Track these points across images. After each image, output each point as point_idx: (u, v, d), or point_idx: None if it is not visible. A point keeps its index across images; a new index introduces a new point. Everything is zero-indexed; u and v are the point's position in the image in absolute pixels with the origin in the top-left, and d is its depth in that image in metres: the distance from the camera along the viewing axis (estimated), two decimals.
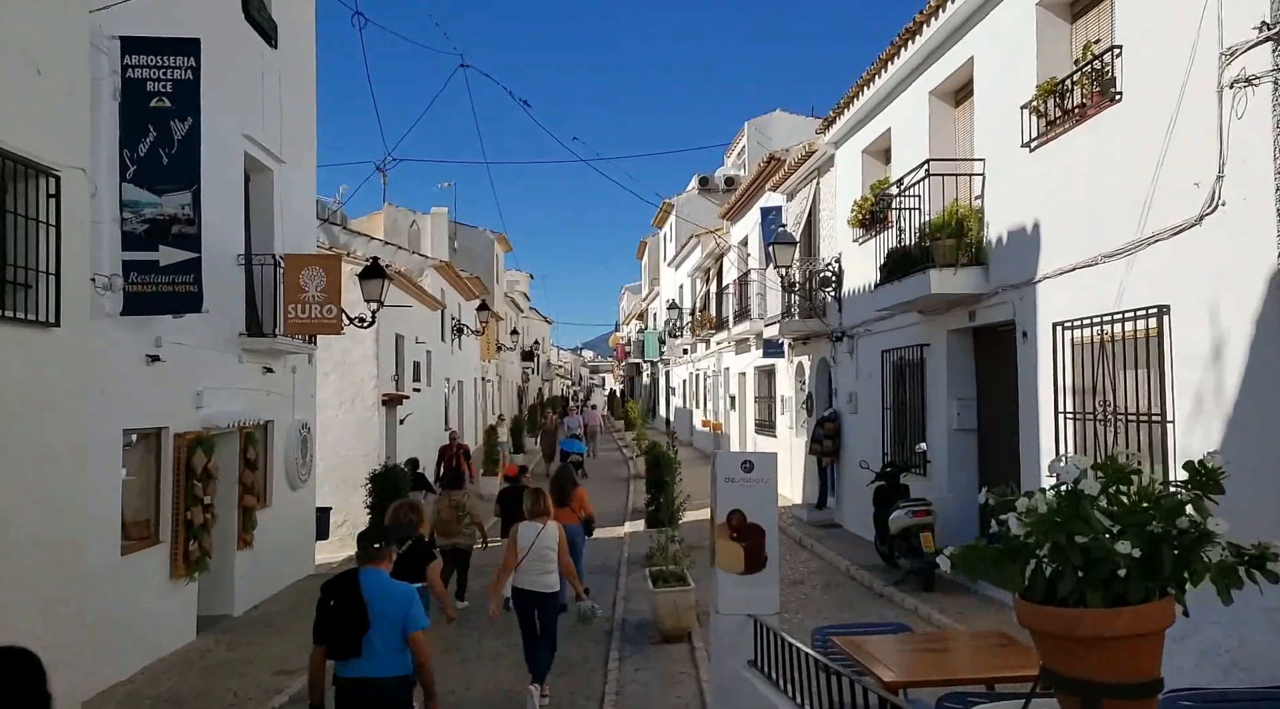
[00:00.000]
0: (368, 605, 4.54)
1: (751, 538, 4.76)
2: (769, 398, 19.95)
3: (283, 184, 12.34)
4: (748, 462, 4.85)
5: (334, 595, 4.65)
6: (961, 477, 10.24)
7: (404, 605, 4.63)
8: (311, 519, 13.81)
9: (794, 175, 16.16)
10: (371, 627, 4.52)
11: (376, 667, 4.56)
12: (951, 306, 10.00)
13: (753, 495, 4.82)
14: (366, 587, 4.61)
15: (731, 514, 4.82)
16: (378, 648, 4.55)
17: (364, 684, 4.56)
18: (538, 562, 7.10)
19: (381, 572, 4.76)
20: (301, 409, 13.16)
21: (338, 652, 4.57)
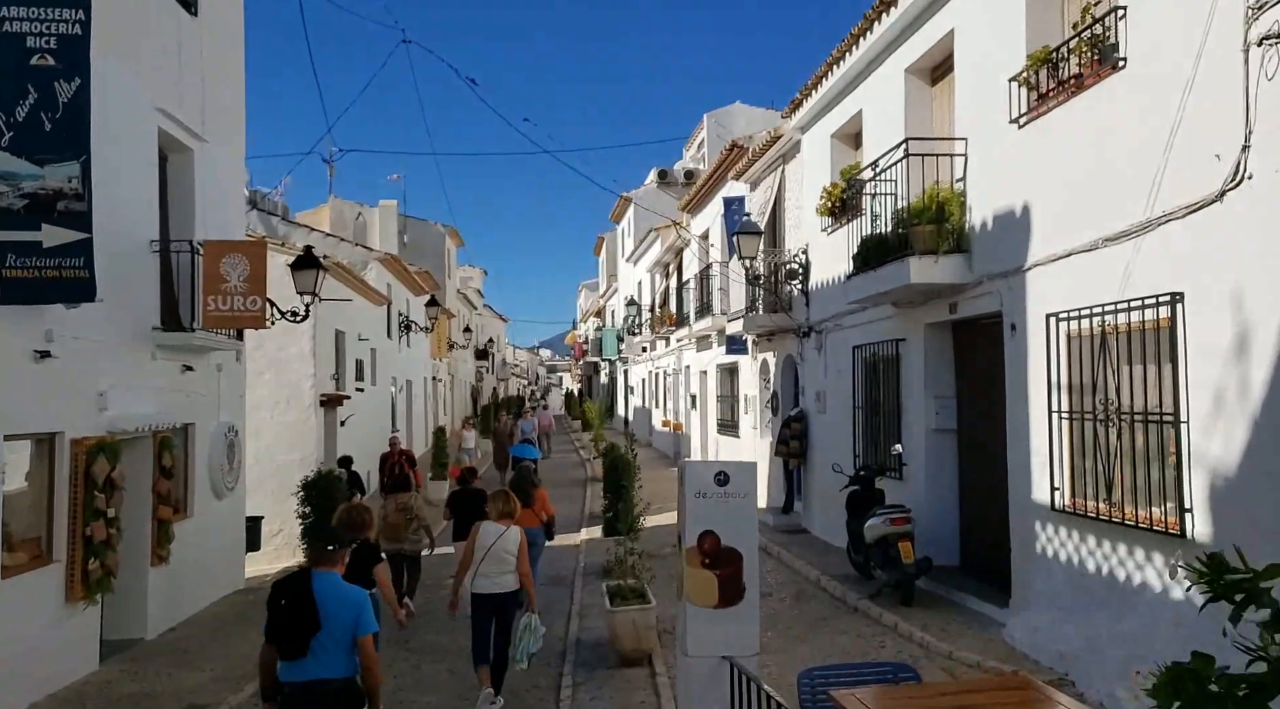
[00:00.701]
0: (318, 607, 4.52)
1: (727, 565, 3.99)
2: (731, 397, 19.25)
3: (206, 165, 11.32)
4: (722, 473, 4.08)
5: (285, 595, 4.63)
6: (940, 481, 9.58)
7: (355, 609, 4.62)
8: (241, 530, 12.78)
9: (758, 163, 15.45)
10: (321, 629, 4.51)
11: (324, 668, 4.54)
12: (930, 298, 9.32)
13: (728, 514, 4.05)
14: (318, 589, 4.59)
15: (703, 536, 4.04)
16: (327, 650, 4.54)
17: (311, 686, 4.54)
18: (495, 564, 7.03)
19: (334, 574, 4.75)
20: (228, 411, 12.13)
21: (286, 652, 4.55)
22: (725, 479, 4.08)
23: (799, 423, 13.58)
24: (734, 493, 4.08)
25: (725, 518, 4.04)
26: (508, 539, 7.10)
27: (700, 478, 4.14)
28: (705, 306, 19.41)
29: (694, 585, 4.07)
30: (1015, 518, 7.74)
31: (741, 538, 4.08)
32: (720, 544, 4.00)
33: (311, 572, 4.72)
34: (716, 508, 4.06)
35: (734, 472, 4.14)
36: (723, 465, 4.15)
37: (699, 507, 4.08)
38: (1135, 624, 5.87)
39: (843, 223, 11.91)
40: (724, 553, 4.00)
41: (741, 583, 4.05)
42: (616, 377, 42.94)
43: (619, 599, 8.53)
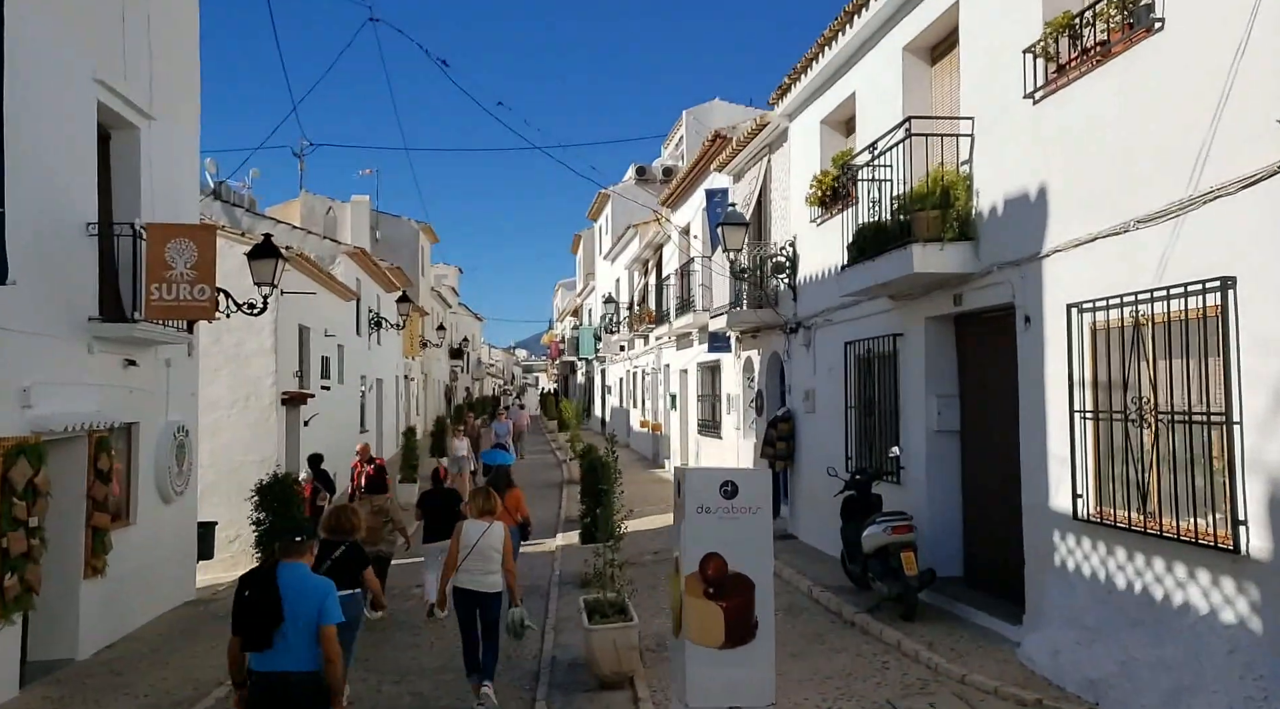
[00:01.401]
0: (282, 599, 4.49)
1: (735, 594, 3.33)
2: (713, 396, 18.59)
3: (154, 144, 10.50)
4: (729, 483, 3.41)
5: (250, 587, 4.62)
6: (942, 486, 8.95)
7: (318, 599, 4.57)
8: (191, 536, 11.96)
9: (742, 153, 14.80)
10: (285, 620, 4.47)
11: (289, 660, 4.52)
12: (932, 290, 8.70)
13: (737, 532, 3.39)
14: (283, 580, 4.57)
15: (706, 560, 3.38)
16: (291, 642, 4.50)
17: (276, 678, 4.52)
18: (480, 561, 7.02)
19: (301, 565, 4.71)
20: (178, 409, 11.31)
21: (250, 644, 4.54)
22: (733, 491, 3.41)
23: (786, 423, 12.94)
24: (743, 507, 3.41)
25: (733, 537, 3.37)
26: (492, 536, 7.07)
27: (702, 489, 3.46)
28: (686, 303, 18.74)
29: (695, 620, 3.38)
30: (1029, 527, 7.12)
31: (753, 562, 3.40)
32: (727, 569, 3.33)
33: (279, 563, 4.69)
34: (722, 526, 3.39)
35: (744, 481, 3.47)
36: (729, 474, 3.48)
37: (701, 524, 3.40)
38: (1179, 650, 5.24)
39: (834, 213, 11.27)
40: (731, 580, 3.32)
41: (753, 617, 3.38)
42: (594, 376, 42.20)
43: (598, 615, 7.81)
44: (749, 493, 3.47)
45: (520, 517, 10.07)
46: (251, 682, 4.62)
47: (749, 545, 3.45)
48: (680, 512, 3.59)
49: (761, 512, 3.46)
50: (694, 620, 3.40)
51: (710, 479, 3.50)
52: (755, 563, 3.45)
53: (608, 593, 8.15)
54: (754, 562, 3.45)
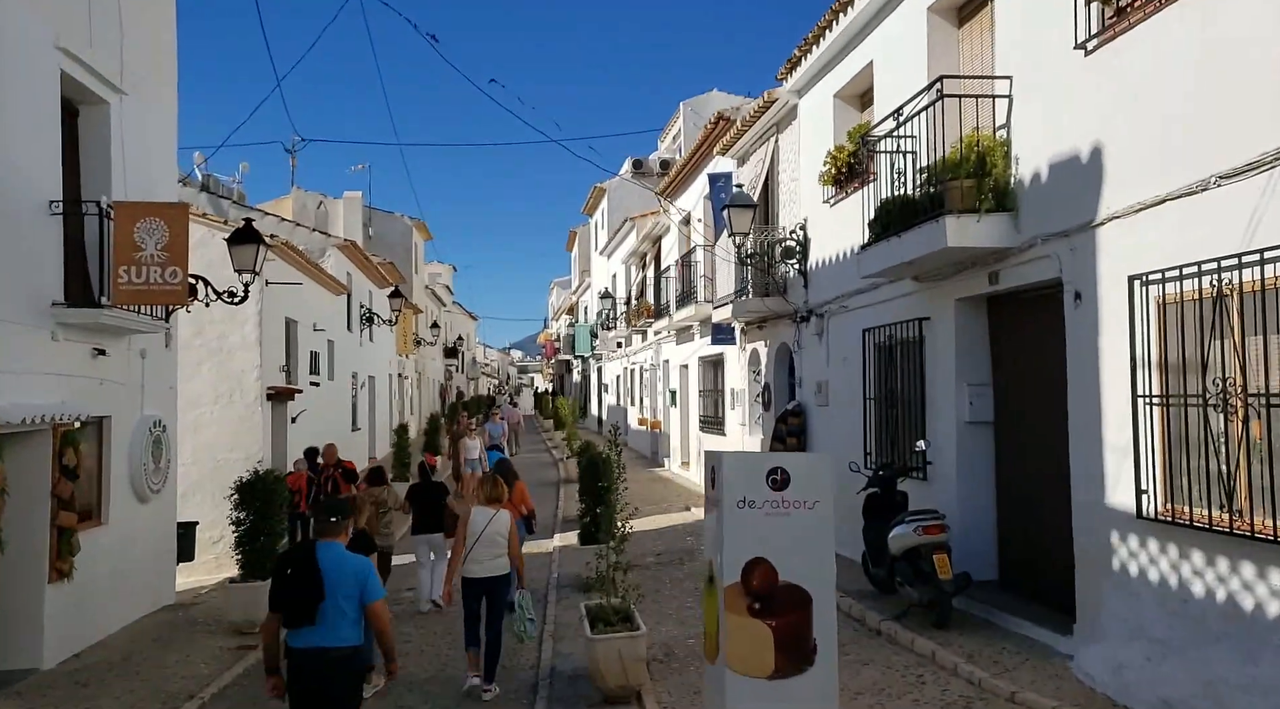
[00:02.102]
0: (323, 576, 4.62)
1: (787, 610, 2.70)
2: (716, 391, 17.94)
3: (126, 121, 9.80)
4: (779, 471, 2.78)
5: (291, 565, 4.74)
6: (974, 481, 8.30)
7: (360, 577, 4.73)
8: (170, 537, 11.26)
9: (747, 134, 14.14)
10: (326, 597, 4.61)
11: (329, 636, 4.63)
12: (963, 269, 8.06)
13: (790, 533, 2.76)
14: (322, 558, 4.70)
15: (752, 568, 2.75)
16: (331, 618, 4.62)
17: (317, 653, 4.62)
18: (488, 548, 7.15)
19: (337, 544, 4.84)
20: (155, 403, 10.61)
21: (292, 620, 4.64)
22: (784, 480, 2.77)
23: (796, 417, 12.29)
24: (797, 500, 2.76)
25: (784, 539, 2.72)
26: (498, 522, 7.23)
27: (744, 479, 2.79)
28: (687, 295, 18.08)
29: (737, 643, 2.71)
30: (1081, 527, 6.47)
31: (810, 569, 2.75)
32: (776, 579, 2.68)
33: (316, 542, 4.81)
34: (771, 524, 2.74)
35: (796, 468, 2.82)
36: (779, 459, 2.82)
37: (743, 522, 2.74)
38: (1278, 670, 4.59)
39: (850, 191, 10.64)
40: (782, 593, 2.67)
41: (810, 639, 2.72)
42: (590, 374, 41.53)
43: (601, 623, 7.15)
44: (803, 482, 2.82)
45: (525, 509, 9.99)
46: (290, 659, 4.72)
47: (804, 548, 2.80)
48: (715, 507, 2.93)
49: (820, 506, 2.82)
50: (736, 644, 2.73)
51: (754, 466, 2.85)
52: (813, 571, 2.79)
53: (611, 599, 7.49)
54: (811, 569, 2.79)
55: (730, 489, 2.83)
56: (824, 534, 2.90)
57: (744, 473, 2.89)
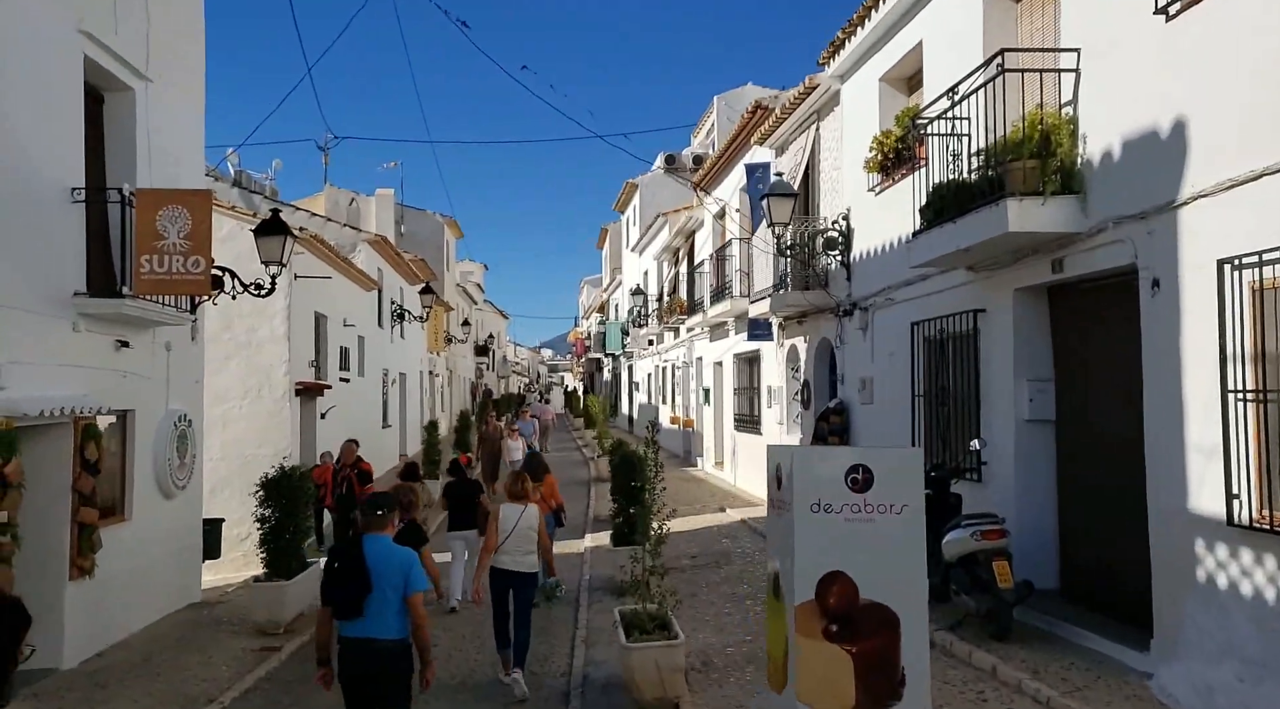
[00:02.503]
0: (370, 569, 4.71)
1: (871, 634, 2.30)
2: (751, 389, 17.48)
3: (150, 108, 9.57)
4: (861, 469, 2.35)
5: (338, 558, 4.83)
6: (1034, 483, 7.82)
7: (404, 569, 4.79)
8: (195, 534, 11.03)
9: (786, 122, 13.69)
10: (373, 589, 4.68)
11: (377, 627, 4.71)
12: (1023, 257, 7.57)
13: (874, 542, 2.36)
14: (369, 551, 4.78)
15: (829, 584, 2.36)
16: (379, 610, 4.70)
17: (365, 644, 4.71)
18: (518, 542, 7.22)
19: (384, 537, 4.92)
20: (180, 397, 10.38)
21: (341, 612, 4.73)
22: (867, 479, 2.36)
23: (839, 416, 11.83)
24: (882, 504, 2.36)
25: (868, 550, 2.31)
26: (528, 517, 7.29)
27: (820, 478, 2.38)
28: (722, 290, 17.64)
29: (810, 671, 2.30)
30: (1159, 534, 5.98)
31: (898, 585, 2.33)
32: (857, 597, 2.27)
33: (363, 536, 4.89)
34: (852, 532, 2.33)
35: (882, 465, 2.41)
36: (861, 455, 2.41)
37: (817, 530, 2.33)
38: None
39: (897, 178, 10.17)
40: (865, 613, 2.27)
41: (898, 668, 2.31)
42: (620, 373, 41.19)
43: (637, 631, 6.77)
44: (890, 482, 2.41)
45: (554, 503, 10.00)
46: (341, 647, 4.81)
47: (891, 561, 2.38)
48: (783, 511, 2.52)
49: (909, 510, 2.41)
50: (809, 672, 2.32)
51: (832, 464, 2.44)
52: (901, 587, 2.37)
53: (647, 604, 7.10)
54: (899, 585, 2.37)
55: (803, 491, 2.41)
56: (914, 543, 2.49)
57: (819, 471, 2.49)
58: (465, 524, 10.25)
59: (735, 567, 11.20)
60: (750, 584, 10.19)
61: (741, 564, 11.29)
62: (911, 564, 2.49)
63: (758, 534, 13.09)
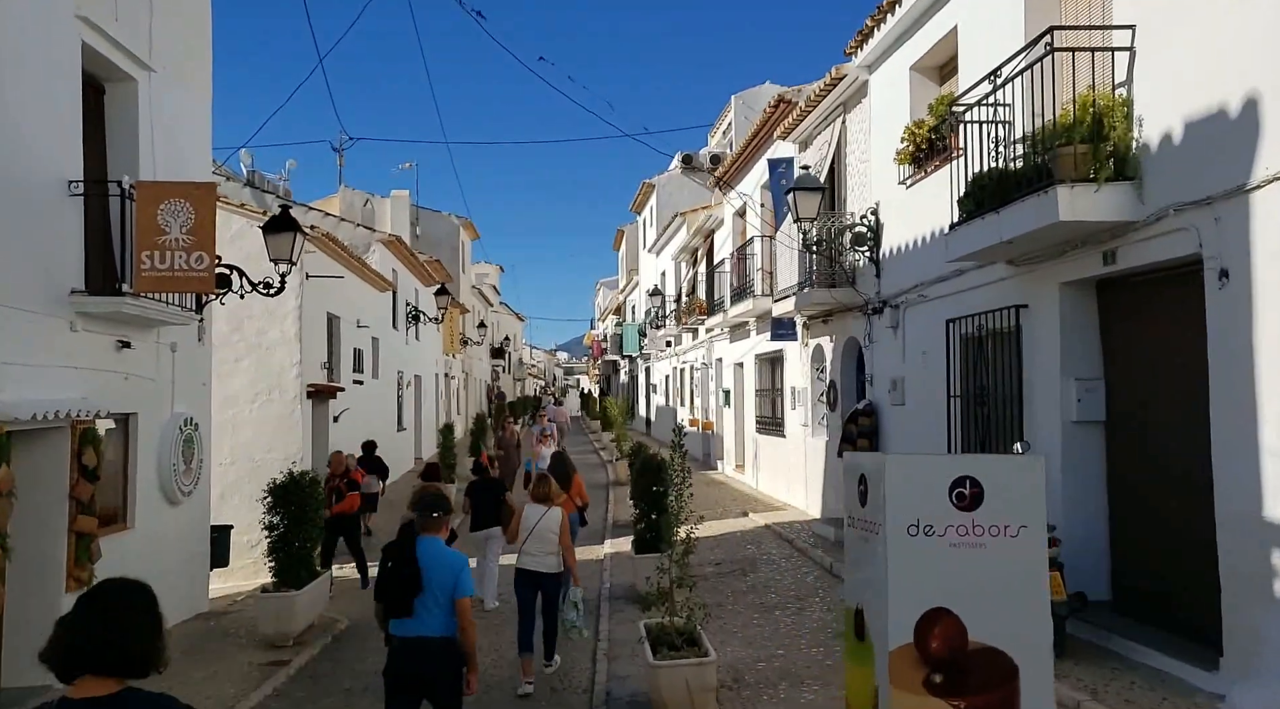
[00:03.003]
0: (421, 571, 4.79)
1: (982, 685, 1.86)
2: (774, 390, 17.03)
3: (155, 100, 9.27)
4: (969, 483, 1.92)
5: (392, 558, 4.92)
6: (1082, 487, 7.35)
7: (455, 572, 4.87)
8: (202, 542, 10.71)
9: (811, 116, 13.25)
10: (424, 590, 4.77)
11: (426, 626, 4.79)
12: (1070, 248, 7.12)
13: (987, 572, 1.90)
14: (422, 553, 4.87)
15: (931, 623, 1.93)
16: (429, 610, 4.79)
17: (415, 643, 4.79)
18: (539, 543, 7.34)
19: (437, 540, 5.01)
20: (186, 400, 10.06)
21: (391, 611, 4.84)
22: (977, 495, 1.94)
23: (868, 418, 11.37)
24: (996, 525, 1.94)
25: (979, 581, 1.90)
26: (550, 519, 7.41)
27: (917, 492, 1.95)
28: (743, 289, 17.21)
29: None
30: (1229, 543, 5.51)
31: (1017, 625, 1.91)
32: (966, 640, 1.87)
33: (416, 537, 4.96)
34: (959, 560, 1.91)
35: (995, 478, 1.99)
36: (970, 465, 1.99)
37: (916, 557, 1.90)
38: None
39: (930, 170, 9.72)
40: (976, 660, 1.86)
41: None
42: (637, 375, 40.79)
43: (664, 647, 6.36)
44: (1004, 498, 1.99)
45: (580, 501, 9.95)
46: (392, 646, 4.90)
47: (1007, 595, 1.95)
48: (870, 533, 2.09)
49: (1028, 532, 2.00)
50: None
51: (932, 475, 2.01)
52: (1020, 627, 1.95)
53: (673, 617, 6.69)
54: (1017, 625, 1.94)
55: (897, 509, 1.99)
56: (1034, 574, 2.06)
57: (917, 484, 2.06)
58: (489, 522, 10.09)
59: (762, 574, 10.76)
60: (779, 593, 9.76)
61: (768, 572, 10.85)
62: (1031, 600, 2.06)
63: (783, 540, 12.65)
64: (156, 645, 2.25)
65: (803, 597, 9.57)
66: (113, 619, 2.19)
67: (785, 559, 11.52)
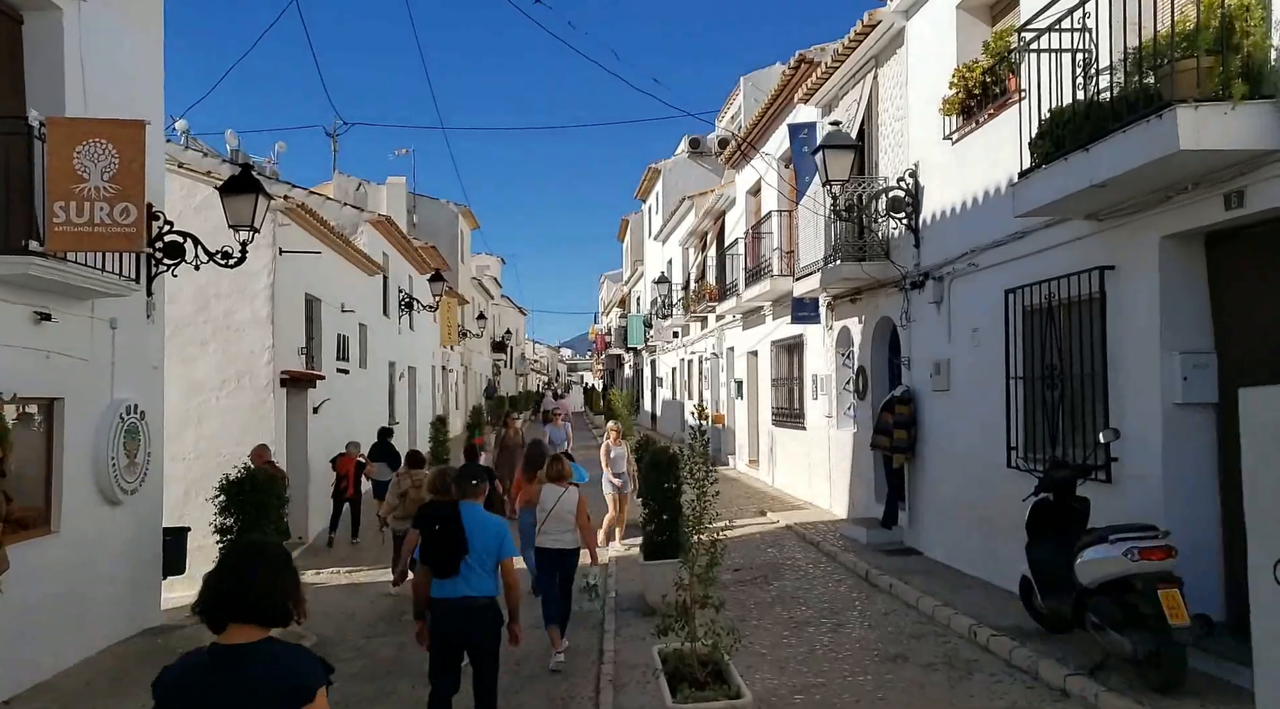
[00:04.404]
0: (467, 533, 5.06)
1: None
2: (792, 379, 15.75)
3: (89, 35, 7.96)
4: None
5: (438, 521, 5.15)
6: (1189, 484, 6.07)
7: (498, 535, 5.18)
8: (153, 546, 9.44)
9: (838, 72, 11.94)
10: (470, 552, 5.04)
11: (471, 586, 5.04)
12: (1176, 193, 5.83)
13: None
14: (465, 517, 5.14)
15: None
16: (474, 570, 5.06)
17: (459, 602, 5.02)
18: (558, 523, 7.46)
19: (477, 505, 5.30)
20: (130, 384, 8.79)
21: (439, 571, 5.06)
22: None
23: (905, 405, 10.08)
24: None
25: None
26: (568, 499, 7.53)
27: None
28: (759, 270, 15.91)
29: None
30: None
31: None
32: None
33: (459, 503, 5.24)
34: None
35: None
36: None
37: None
38: None
39: (983, 120, 8.45)
40: None
41: None
42: (642, 368, 39.52)
43: (684, 682, 5.08)
44: None
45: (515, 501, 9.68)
46: (435, 609, 5.10)
47: None
48: None
49: None
50: None
51: None
52: None
53: (693, 642, 5.40)
54: None
55: None
56: None
57: None
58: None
59: (788, 582, 9.48)
60: (810, 606, 8.48)
61: (795, 580, 9.57)
62: None
63: (808, 543, 11.37)
64: (296, 597, 2.45)
65: (838, 610, 8.29)
66: (257, 571, 2.37)
67: (812, 565, 10.24)
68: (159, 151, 9.55)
